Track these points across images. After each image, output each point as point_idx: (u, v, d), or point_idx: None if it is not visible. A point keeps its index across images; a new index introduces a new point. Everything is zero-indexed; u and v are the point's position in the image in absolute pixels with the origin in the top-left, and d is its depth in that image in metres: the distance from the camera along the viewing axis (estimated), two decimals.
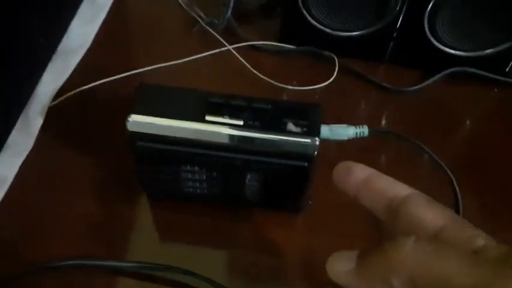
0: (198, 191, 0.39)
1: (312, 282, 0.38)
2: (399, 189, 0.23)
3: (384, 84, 0.49)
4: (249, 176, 0.36)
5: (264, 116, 0.34)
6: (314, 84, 0.49)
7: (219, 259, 0.39)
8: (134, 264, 0.37)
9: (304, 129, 0.33)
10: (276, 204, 0.40)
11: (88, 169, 0.43)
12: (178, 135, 0.34)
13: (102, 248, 0.39)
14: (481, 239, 0.20)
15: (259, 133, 0.33)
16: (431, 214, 0.22)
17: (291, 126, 0.33)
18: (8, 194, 0.40)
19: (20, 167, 0.42)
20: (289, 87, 0.49)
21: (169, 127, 0.34)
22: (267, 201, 0.39)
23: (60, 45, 0.49)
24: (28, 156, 0.42)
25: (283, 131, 0.33)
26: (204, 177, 0.37)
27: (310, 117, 0.34)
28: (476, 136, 0.47)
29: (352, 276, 0.21)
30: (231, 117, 0.33)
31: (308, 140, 0.33)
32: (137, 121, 0.34)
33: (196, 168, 0.36)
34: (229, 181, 0.37)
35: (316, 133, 0.33)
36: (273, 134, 0.33)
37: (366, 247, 0.20)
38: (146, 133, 0.34)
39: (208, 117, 0.33)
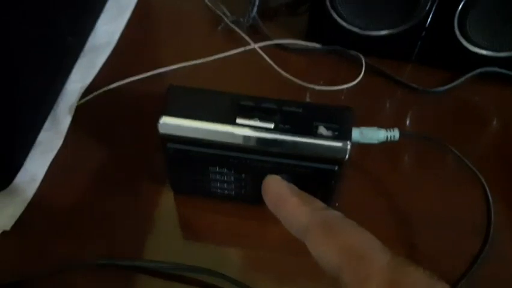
0: (226, 192, 0.39)
1: (339, 284, 0.38)
2: (300, 215, 0.22)
3: (411, 84, 0.49)
4: None
5: (295, 119, 0.33)
6: (341, 84, 0.49)
7: (245, 260, 0.39)
8: (161, 264, 0.37)
9: (336, 132, 0.33)
10: None
11: (116, 167, 0.43)
12: (208, 137, 0.34)
13: (129, 247, 0.39)
14: (374, 282, 0.19)
15: (290, 136, 0.33)
16: (327, 251, 0.21)
17: (322, 130, 0.33)
18: (38, 192, 0.41)
19: (50, 165, 0.42)
20: (316, 87, 0.48)
21: (200, 129, 0.34)
22: None
23: (87, 43, 0.50)
24: (57, 154, 0.43)
25: (314, 135, 0.33)
26: (233, 178, 0.37)
27: (341, 121, 0.34)
28: (506, 138, 0.47)
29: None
30: (262, 120, 0.33)
31: (339, 144, 0.33)
32: (168, 123, 0.34)
33: (225, 170, 0.36)
34: (258, 183, 0.37)
35: (348, 137, 0.33)
36: (304, 138, 0.33)
37: None
38: (177, 135, 0.34)
39: (239, 120, 0.33)
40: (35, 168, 0.41)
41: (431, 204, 0.41)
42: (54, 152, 0.43)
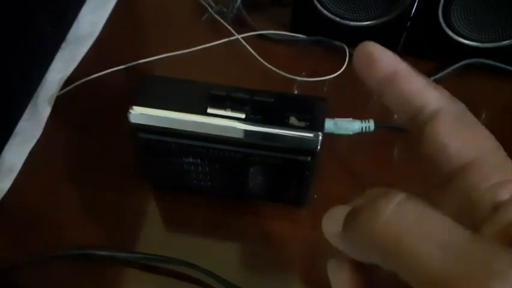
0: (202, 183, 0.39)
1: (316, 276, 0.38)
2: (430, 98, 0.18)
3: None
4: (252, 170, 0.36)
5: (266, 109, 0.33)
6: (324, 75, 0.48)
7: (222, 251, 0.39)
8: (138, 255, 0.37)
9: (308, 123, 0.33)
10: (280, 197, 0.39)
11: (94, 158, 0.43)
12: (179, 127, 0.33)
13: (107, 238, 0.39)
14: (509, 190, 0.16)
15: (261, 127, 0.33)
16: (458, 142, 0.17)
17: (293, 120, 0.33)
18: (16, 182, 0.41)
19: (28, 156, 0.42)
20: (299, 78, 0.48)
21: (171, 119, 0.33)
22: (270, 194, 0.39)
23: (69, 34, 0.49)
24: (36, 144, 0.43)
25: (286, 125, 0.32)
26: (207, 169, 0.37)
27: (314, 111, 0.33)
28: (492, 129, 0.46)
29: (340, 239, 0.17)
30: (233, 110, 0.33)
31: (311, 135, 0.32)
32: (139, 113, 0.34)
33: (198, 160, 0.36)
34: (233, 174, 0.37)
35: (320, 127, 0.33)
36: (275, 128, 0.32)
37: (357, 205, 0.16)
38: (148, 125, 0.34)
39: (210, 110, 0.33)
40: (13, 158, 0.41)
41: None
42: (33, 142, 0.43)
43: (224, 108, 0.33)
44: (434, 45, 0.49)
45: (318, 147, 0.33)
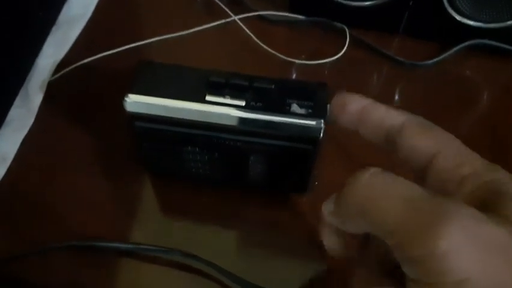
0: (201, 171, 0.38)
1: (317, 263, 0.37)
2: (393, 117, 0.22)
3: (398, 57, 0.47)
4: (252, 158, 0.35)
5: (267, 96, 0.32)
6: (324, 58, 0.47)
7: (223, 241, 0.38)
8: (135, 246, 0.37)
9: (310, 110, 0.31)
10: (280, 186, 0.39)
11: (89, 145, 0.42)
12: (177, 116, 0.32)
13: (104, 227, 0.38)
14: (468, 167, 0.20)
15: (261, 114, 0.31)
16: (424, 141, 0.21)
17: (295, 108, 0.32)
18: (9, 171, 0.40)
19: (21, 144, 0.41)
20: (298, 61, 0.46)
21: (168, 107, 0.32)
22: (271, 183, 0.38)
23: (60, 16, 0.48)
24: (29, 132, 0.42)
25: (287, 113, 0.31)
26: (206, 158, 0.36)
27: (316, 97, 0.32)
28: (496, 111, 0.45)
29: (333, 215, 0.22)
30: (233, 97, 0.32)
31: (313, 122, 0.31)
32: (135, 101, 0.32)
33: (197, 149, 0.35)
34: (232, 163, 0.36)
35: (322, 114, 0.31)
36: (276, 116, 0.31)
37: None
38: (145, 113, 0.33)
39: (208, 98, 0.32)
40: (5, 147, 0.40)
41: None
42: (26, 130, 0.41)
43: (223, 95, 0.32)
44: (436, 26, 0.47)
45: (321, 135, 0.32)
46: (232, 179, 0.38)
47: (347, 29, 0.48)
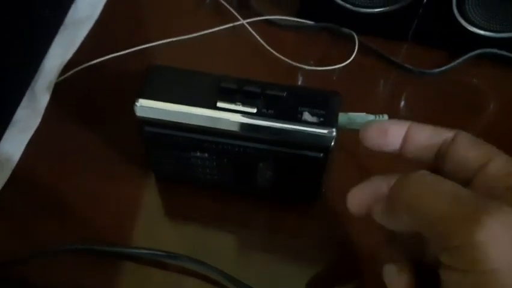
0: (209, 177, 0.37)
1: (324, 271, 0.37)
2: (444, 133, 0.25)
3: (406, 65, 0.47)
4: (261, 165, 0.35)
5: (278, 103, 0.32)
6: (332, 64, 0.47)
7: (230, 246, 0.38)
8: (144, 251, 0.36)
9: (321, 119, 0.31)
10: (288, 193, 0.38)
11: (96, 148, 0.42)
12: (187, 121, 0.32)
13: (109, 231, 0.38)
14: None
15: (273, 122, 0.31)
16: (474, 152, 0.23)
17: (306, 116, 0.31)
18: (14, 172, 0.39)
19: (27, 145, 0.41)
20: (306, 67, 0.46)
21: (179, 113, 0.32)
22: (279, 190, 0.38)
23: (67, 17, 0.47)
24: (35, 133, 0.41)
25: (299, 121, 0.31)
26: (215, 164, 0.36)
27: (327, 106, 0.32)
28: (504, 121, 0.45)
29: (382, 212, 0.24)
30: (244, 104, 0.32)
31: (325, 131, 0.31)
32: (146, 106, 0.32)
33: (206, 155, 0.35)
34: (241, 169, 0.36)
35: (334, 123, 0.31)
36: (288, 124, 0.31)
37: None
38: (155, 118, 0.32)
39: (219, 104, 0.32)
40: (11, 148, 0.40)
41: None
42: (32, 131, 0.41)
43: (234, 102, 0.32)
44: (445, 34, 0.47)
45: (332, 143, 0.31)
46: (240, 185, 0.38)
47: (355, 36, 0.48)
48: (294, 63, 0.46)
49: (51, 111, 0.43)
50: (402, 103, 0.46)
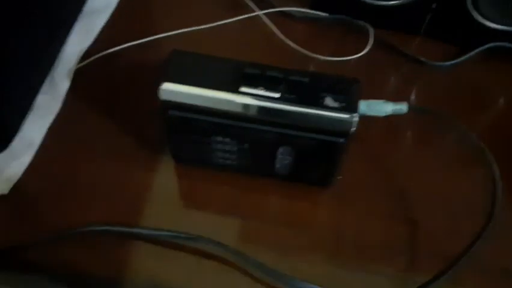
0: (228, 161, 0.38)
1: (339, 257, 0.38)
2: None
3: (419, 57, 0.48)
4: (281, 150, 0.36)
5: (301, 89, 0.32)
6: (346, 55, 0.47)
7: (245, 231, 0.38)
8: (160, 233, 0.37)
9: (343, 104, 0.32)
10: (305, 178, 0.39)
11: (115, 133, 0.42)
12: (211, 105, 0.33)
13: (129, 214, 0.38)
14: None
15: (296, 107, 0.32)
16: None
17: (328, 101, 0.32)
18: (35, 157, 0.40)
19: (47, 130, 0.41)
20: (321, 57, 0.47)
21: (203, 97, 0.33)
22: (296, 174, 0.38)
23: (86, 6, 0.48)
24: (55, 119, 0.42)
25: (321, 106, 0.32)
26: (236, 148, 0.36)
27: (348, 92, 0.33)
28: None
29: None
30: (267, 89, 0.32)
31: (346, 116, 0.32)
32: (170, 89, 0.33)
33: (228, 139, 0.36)
34: (261, 154, 0.37)
35: (355, 109, 0.32)
36: (311, 108, 0.32)
37: None
38: (179, 102, 0.33)
39: (243, 88, 0.32)
40: (32, 133, 0.41)
41: (434, 181, 0.41)
42: (52, 116, 0.42)
43: (257, 87, 0.32)
44: (459, 28, 0.48)
45: (353, 128, 0.32)
46: (258, 170, 0.39)
47: (370, 28, 0.48)
48: (309, 54, 0.47)
49: (71, 98, 0.43)
50: (415, 95, 0.46)
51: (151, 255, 0.37)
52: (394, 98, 0.37)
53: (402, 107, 0.35)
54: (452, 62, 0.48)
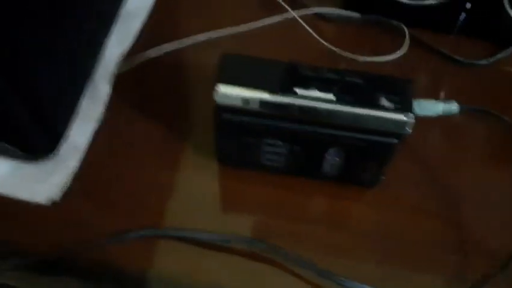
0: (275, 164, 0.38)
1: (384, 257, 0.38)
2: None
3: (456, 56, 0.48)
4: (330, 151, 0.36)
5: (355, 90, 0.33)
6: (382, 55, 0.48)
7: (292, 231, 0.38)
8: (208, 235, 0.37)
9: (398, 105, 0.32)
10: (352, 179, 0.39)
11: (158, 136, 0.43)
12: (266, 108, 0.33)
13: (176, 217, 0.39)
14: None
15: (351, 108, 0.32)
16: None
17: (384, 101, 0.32)
18: (83, 161, 0.40)
19: (92, 134, 0.41)
20: (359, 58, 0.47)
21: (258, 99, 0.33)
22: (343, 176, 0.39)
23: (122, 9, 0.48)
24: (99, 122, 0.42)
25: (376, 106, 0.32)
26: (285, 151, 0.37)
27: (402, 93, 0.33)
28: None
29: None
30: (322, 90, 0.32)
31: (403, 117, 0.32)
32: (225, 93, 0.33)
33: (278, 141, 0.36)
34: (310, 156, 0.37)
35: (410, 109, 0.32)
36: (366, 109, 0.32)
37: None
38: (234, 105, 0.33)
39: (297, 90, 0.33)
40: (77, 137, 0.41)
41: (482, 179, 0.41)
42: (96, 120, 0.42)
43: (312, 88, 0.33)
44: (494, 27, 0.48)
45: (410, 129, 0.32)
46: (305, 171, 0.39)
47: (405, 28, 0.49)
48: (347, 55, 0.47)
49: (112, 101, 0.43)
50: (456, 93, 0.46)
51: (199, 256, 0.37)
52: (436, 98, 0.37)
53: (452, 107, 0.35)
54: (490, 60, 0.48)
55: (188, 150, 0.42)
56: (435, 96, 0.45)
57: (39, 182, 0.39)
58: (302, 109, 0.33)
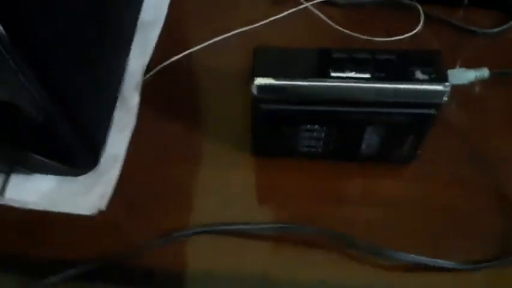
0: (313, 149, 0.39)
1: (428, 231, 0.38)
2: None
3: (470, 27, 0.49)
4: (369, 130, 0.36)
5: (389, 66, 0.33)
6: (399, 35, 0.48)
7: (338, 214, 0.39)
8: (261, 226, 0.38)
9: (433, 75, 0.33)
10: (388, 156, 0.40)
11: (191, 137, 0.43)
12: (304, 94, 0.34)
13: (222, 212, 0.39)
14: None
15: (388, 84, 0.33)
16: None
17: (419, 74, 0.33)
18: (123, 170, 0.41)
19: (128, 143, 0.42)
20: (376, 39, 0.48)
21: (296, 87, 0.33)
22: (382, 154, 0.39)
23: (140, 19, 0.49)
24: (133, 131, 0.43)
25: (412, 79, 0.33)
26: (323, 135, 0.37)
27: (434, 64, 0.34)
28: None
29: None
30: (357, 71, 0.33)
31: (440, 87, 0.33)
32: (263, 84, 0.34)
33: (316, 126, 0.36)
34: (348, 137, 0.37)
35: (445, 78, 0.33)
36: (403, 84, 0.33)
37: None
38: (271, 95, 0.34)
39: (333, 73, 0.33)
40: (115, 148, 0.41)
41: None
42: (130, 130, 0.43)
43: (347, 70, 0.33)
44: None
45: (447, 98, 0.33)
46: (343, 153, 0.40)
47: (419, 6, 0.49)
48: (364, 37, 0.48)
49: (143, 110, 0.44)
50: (472, 62, 0.47)
51: (259, 250, 0.38)
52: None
53: (484, 72, 0.36)
54: (504, 26, 0.49)
55: (219, 147, 0.42)
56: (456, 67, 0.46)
57: (83, 194, 0.39)
58: (340, 91, 0.33)
